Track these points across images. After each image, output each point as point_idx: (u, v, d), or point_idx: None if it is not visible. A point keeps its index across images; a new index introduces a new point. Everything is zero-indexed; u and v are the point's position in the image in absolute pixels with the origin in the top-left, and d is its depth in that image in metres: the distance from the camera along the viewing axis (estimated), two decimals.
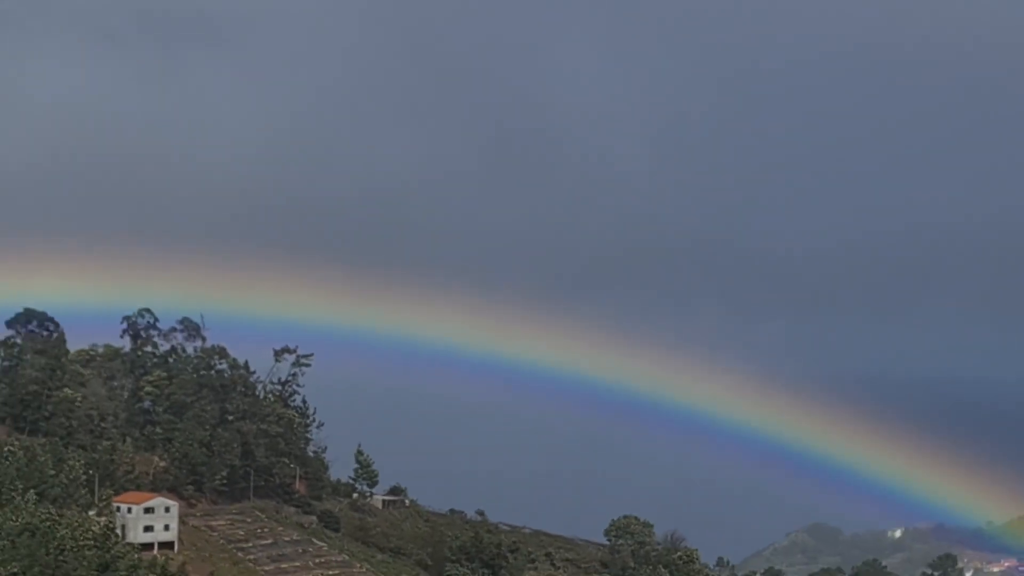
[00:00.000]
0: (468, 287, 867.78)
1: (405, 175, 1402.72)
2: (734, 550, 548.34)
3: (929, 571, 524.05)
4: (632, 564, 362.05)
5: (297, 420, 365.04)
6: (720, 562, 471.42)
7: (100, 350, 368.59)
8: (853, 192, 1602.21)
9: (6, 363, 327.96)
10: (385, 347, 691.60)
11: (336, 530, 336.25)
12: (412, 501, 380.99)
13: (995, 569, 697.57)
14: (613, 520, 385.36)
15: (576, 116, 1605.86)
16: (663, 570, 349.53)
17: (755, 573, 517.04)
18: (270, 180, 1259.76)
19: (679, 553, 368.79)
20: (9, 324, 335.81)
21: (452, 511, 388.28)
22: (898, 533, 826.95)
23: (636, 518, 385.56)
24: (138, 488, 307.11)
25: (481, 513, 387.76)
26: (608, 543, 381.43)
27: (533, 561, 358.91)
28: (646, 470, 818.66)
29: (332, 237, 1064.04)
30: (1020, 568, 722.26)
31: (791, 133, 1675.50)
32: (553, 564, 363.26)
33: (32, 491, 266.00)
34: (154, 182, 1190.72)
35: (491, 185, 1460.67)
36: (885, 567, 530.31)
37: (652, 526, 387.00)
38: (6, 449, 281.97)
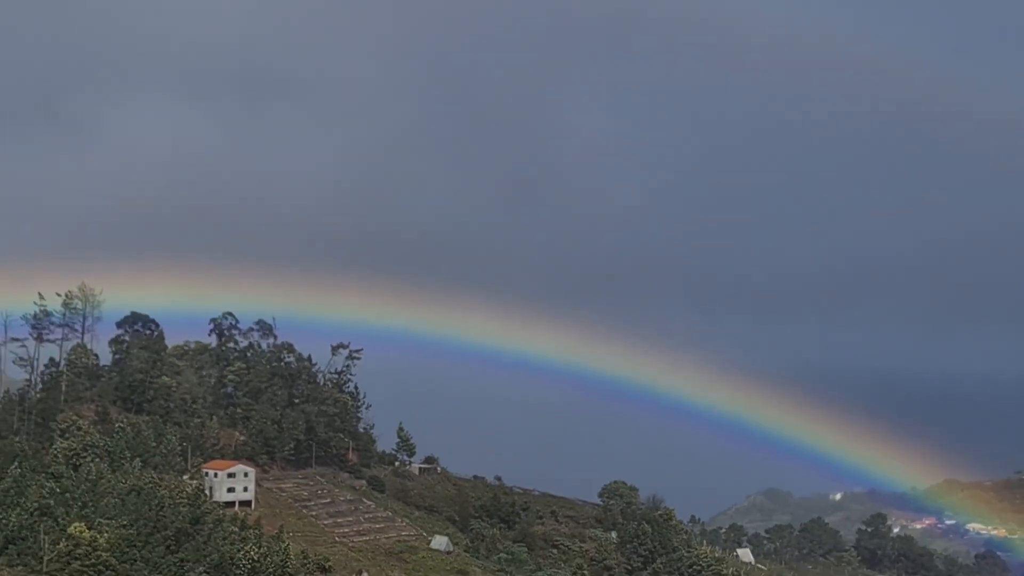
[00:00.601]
0: (489, 296, 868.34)
1: (443, 207, 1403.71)
2: (703, 510, 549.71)
3: (864, 527, 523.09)
4: (621, 520, 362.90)
5: (350, 403, 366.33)
6: (692, 519, 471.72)
7: (192, 346, 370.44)
8: (805, 221, 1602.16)
9: (117, 356, 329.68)
10: (421, 344, 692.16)
11: (382, 492, 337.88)
12: (443, 469, 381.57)
13: (917, 526, 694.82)
14: (605, 484, 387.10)
15: (581, 158, 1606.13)
16: (647, 525, 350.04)
17: (721, 528, 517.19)
18: (334, 212, 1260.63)
19: (659, 512, 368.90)
20: (119, 325, 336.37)
21: (475, 477, 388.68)
22: (838, 496, 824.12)
23: (624, 483, 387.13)
24: (222, 457, 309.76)
25: (499, 478, 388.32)
26: (601, 503, 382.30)
27: (541, 518, 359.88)
28: (631, 443, 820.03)
29: (381, 258, 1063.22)
30: (938, 526, 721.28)
31: (759, 175, 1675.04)
32: (557, 520, 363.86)
33: (138, 459, 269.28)
34: (237, 214, 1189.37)
35: (510, 214, 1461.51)
36: (828, 524, 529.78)
37: (637, 489, 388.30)
38: (117, 426, 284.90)
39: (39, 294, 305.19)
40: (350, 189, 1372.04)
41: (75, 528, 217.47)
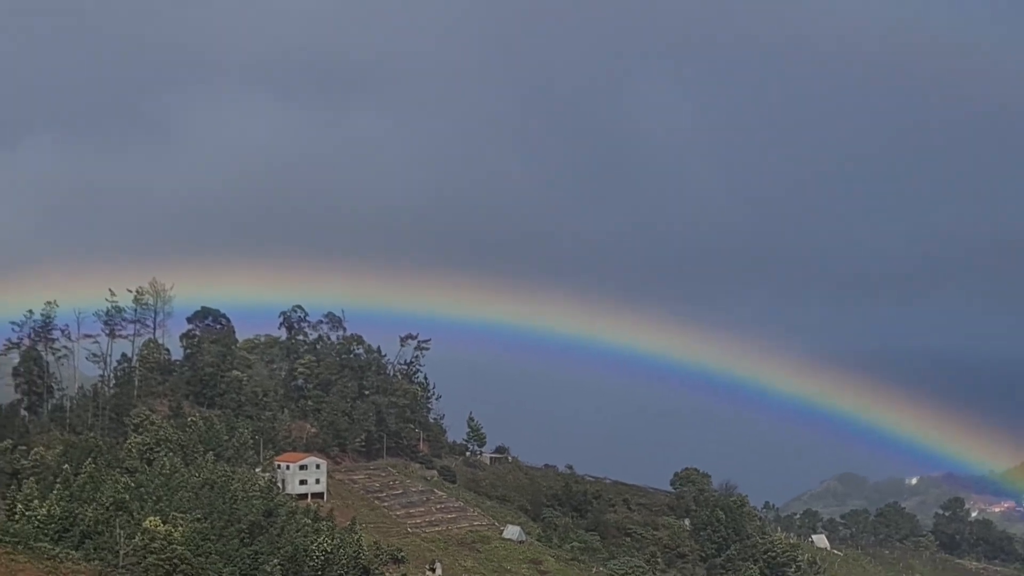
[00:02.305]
0: (562, 285, 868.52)
1: (521, 199, 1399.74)
2: (777, 495, 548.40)
3: (941, 511, 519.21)
4: (694, 507, 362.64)
5: (420, 393, 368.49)
6: (766, 505, 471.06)
7: (262, 339, 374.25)
8: (886, 204, 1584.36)
9: (188, 351, 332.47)
10: (492, 334, 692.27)
11: (453, 482, 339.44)
12: (514, 458, 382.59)
13: (996, 510, 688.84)
14: (677, 472, 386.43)
15: (660, 148, 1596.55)
16: (720, 512, 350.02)
17: (795, 514, 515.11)
18: (408, 205, 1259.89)
19: (733, 498, 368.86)
20: (190, 320, 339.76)
21: (546, 465, 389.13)
22: (915, 480, 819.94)
23: (696, 470, 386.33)
24: (294, 449, 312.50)
25: (570, 467, 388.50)
26: (674, 490, 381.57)
27: (613, 506, 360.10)
28: (704, 430, 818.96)
29: (454, 247, 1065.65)
30: (1017, 509, 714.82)
31: (837, 158, 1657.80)
32: (629, 508, 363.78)
33: (211, 453, 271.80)
34: (309, 207, 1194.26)
35: (587, 205, 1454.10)
36: (904, 509, 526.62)
37: (709, 476, 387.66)
38: (190, 420, 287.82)
39: (110, 290, 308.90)
40: (427, 182, 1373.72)
41: (150, 522, 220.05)
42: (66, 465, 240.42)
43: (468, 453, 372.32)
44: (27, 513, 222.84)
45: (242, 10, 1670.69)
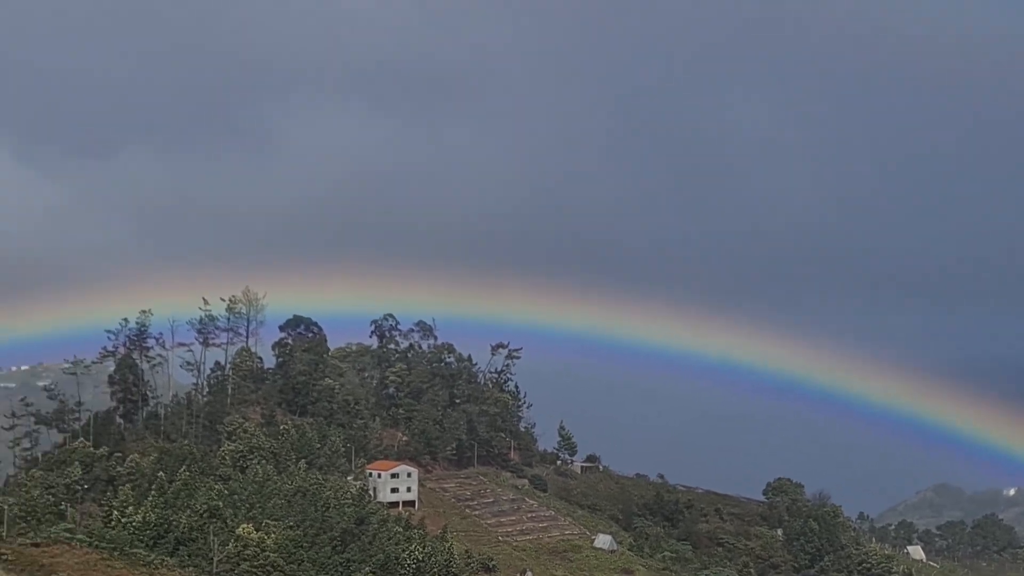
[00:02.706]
0: (653, 293, 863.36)
1: (609, 207, 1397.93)
2: (871, 506, 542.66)
3: None
4: (787, 517, 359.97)
5: (511, 402, 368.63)
6: (860, 516, 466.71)
7: (353, 348, 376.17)
8: (978, 209, 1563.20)
9: (280, 359, 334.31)
10: (583, 342, 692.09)
11: (544, 491, 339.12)
12: (605, 467, 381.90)
13: None
14: (770, 481, 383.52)
15: (747, 155, 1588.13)
16: (813, 523, 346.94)
17: (890, 525, 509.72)
18: (499, 213, 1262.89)
19: (826, 508, 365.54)
20: (282, 328, 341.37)
21: (638, 475, 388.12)
22: (1012, 491, 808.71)
23: (789, 480, 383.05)
24: (385, 457, 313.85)
25: (662, 476, 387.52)
26: (766, 500, 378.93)
27: (705, 515, 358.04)
28: (797, 440, 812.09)
29: (544, 254, 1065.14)
30: None
31: (928, 163, 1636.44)
32: (721, 517, 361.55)
33: (303, 461, 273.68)
34: (400, 215, 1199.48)
35: (675, 213, 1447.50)
36: (1001, 520, 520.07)
37: (803, 486, 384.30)
38: (282, 428, 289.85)
39: (204, 299, 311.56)
40: (516, 189, 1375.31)
41: (243, 529, 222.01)
42: (161, 472, 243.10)
43: (559, 462, 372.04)
44: (123, 519, 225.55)
45: (336, 22, 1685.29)
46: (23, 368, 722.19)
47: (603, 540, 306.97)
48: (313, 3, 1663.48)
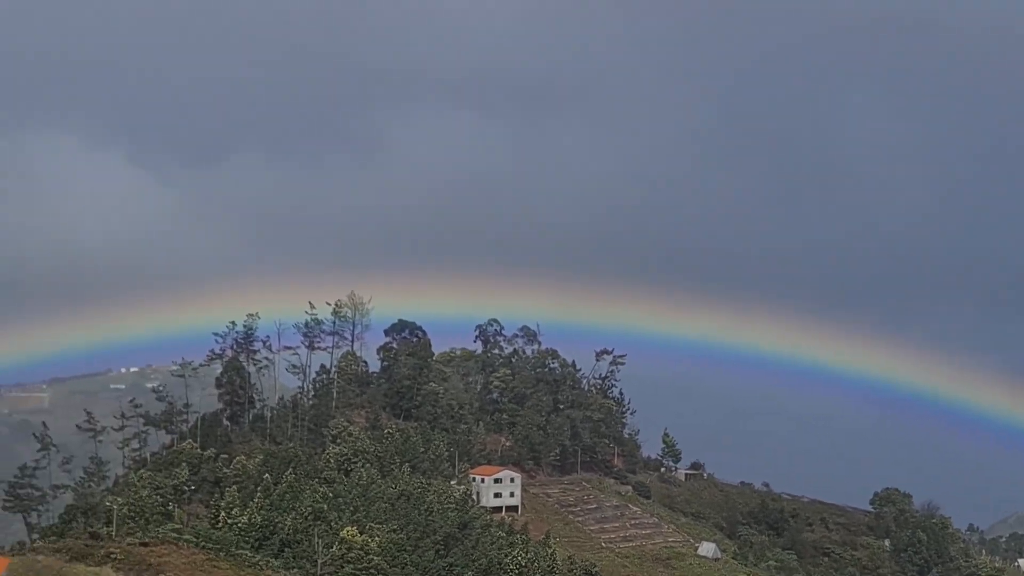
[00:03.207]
0: (762, 301, 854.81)
1: (721, 214, 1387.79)
2: (982, 518, 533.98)
3: None
4: (894, 528, 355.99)
5: (614, 408, 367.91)
6: (970, 528, 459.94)
7: (458, 352, 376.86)
8: None
9: (385, 363, 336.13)
10: (687, 349, 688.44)
11: (648, 498, 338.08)
12: (709, 474, 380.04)
13: None
14: (877, 491, 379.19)
15: (861, 162, 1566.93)
16: (922, 534, 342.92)
17: (1001, 537, 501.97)
18: (605, 215, 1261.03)
19: (935, 520, 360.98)
20: (387, 332, 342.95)
21: (742, 483, 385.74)
22: None
23: (897, 490, 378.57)
24: (489, 462, 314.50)
25: (767, 484, 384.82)
26: (873, 510, 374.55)
27: (810, 524, 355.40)
28: (906, 449, 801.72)
29: (649, 261, 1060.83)
30: None
31: None
32: (827, 527, 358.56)
33: (407, 464, 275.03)
34: (507, 221, 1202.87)
35: (785, 215, 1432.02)
36: None
37: (911, 496, 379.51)
38: (386, 431, 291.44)
39: (310, 303, 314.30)
40: (623, 195, 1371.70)
41: (347, 532, 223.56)
42: (266, 474, 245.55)
43: (663, 469, 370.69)
44: (229, 520, 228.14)
45: (444, 30, 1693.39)
46: (133, 370, 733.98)
47: (707, 548, 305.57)
48: (422, 12, 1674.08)
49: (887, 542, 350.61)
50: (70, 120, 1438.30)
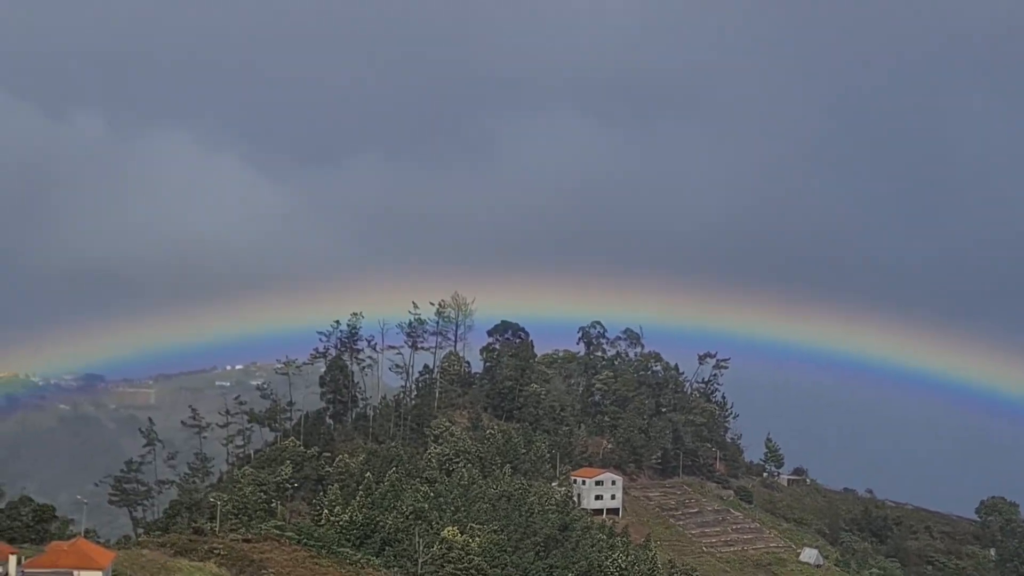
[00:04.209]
0: (869, 308, 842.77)
1: (827, 215, 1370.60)
2: None
3: None
4: (1000, 538, 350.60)
5: (717, 412, 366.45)
6: None
7: (560, 354, 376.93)
8: None
9: (487, 364, 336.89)
10: (792, 353, 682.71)
11: (749, 503, 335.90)
12: (812, 480, 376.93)
13: None
14: (983, 500, 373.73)
15: (978, 170, 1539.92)
16: None
17: None
18: (713, 219, 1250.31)
19: None
20: (490, 333, 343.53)
21: (846, 489, 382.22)
22: None
23: (1004, 499, 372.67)
24: (590, 465, 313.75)
25: (870, 491, 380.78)
26: (979, 519, 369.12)
27: (914, 532, 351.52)
28: (1012, 459, 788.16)
29: (757, 266, 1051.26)
30: None
31: None
32: (931, 535, 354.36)
33: (508, 465, 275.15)
34: (613, 224, 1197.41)
35: (901, 223, 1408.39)
36: None
37: (1018, 506, 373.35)
38: (488, 432, 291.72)
39: (414, 303, 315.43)
40: (732, 199, 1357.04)
41: (448, 532, 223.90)
42: (368, 473, 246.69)
43: (765, 474, 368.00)
44: (331, 518, 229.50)
45: (560, 35, 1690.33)
46: (238, 368, 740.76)
47: (809, 554, 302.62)
48: (538, 17, 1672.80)
49: (993, 552, 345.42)
50: (187, 120, 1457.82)
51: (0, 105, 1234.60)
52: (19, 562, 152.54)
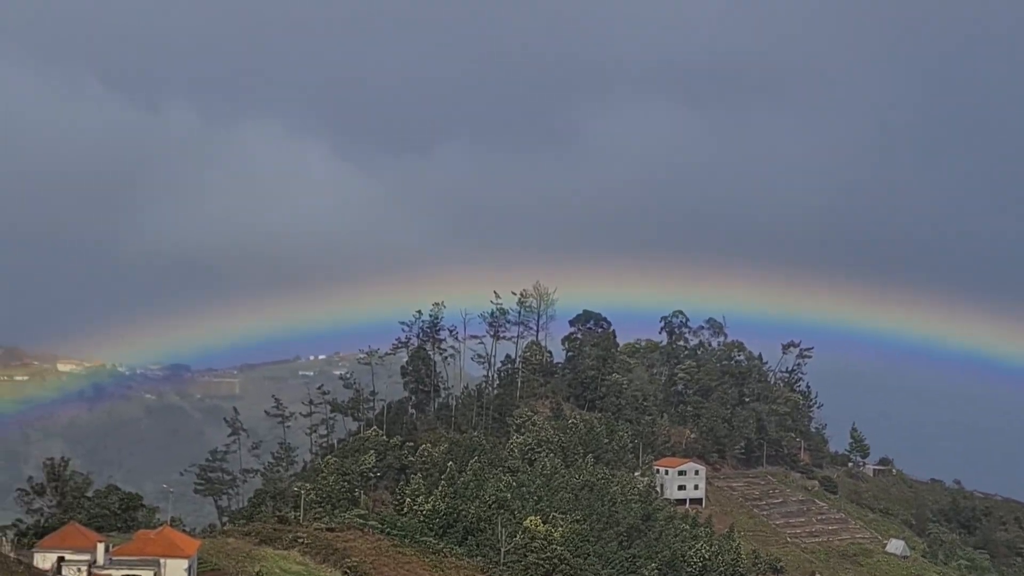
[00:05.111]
0: (961, 298, 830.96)
1: (919, 200, 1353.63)
2: None
3: None
4: None
5: (801, 402, 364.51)
6: None
7: (642, 344, 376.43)
8: None
9: (569, 354, 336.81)
10: (878, 344, 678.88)
11: (834, 493, 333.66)
12: (898, 470, 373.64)
13: None
14: None
15: None
16: None
17: None
18: (803, 207, 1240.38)
19: None
20: (572, 323, 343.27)
21: (933, 479, 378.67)
22: None
23: None
24: (673, 455, 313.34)
25: (958, 482, 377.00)
26: None
27: (1004, 524, 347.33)
28: None
29: (844, 254, 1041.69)
30: None
31: None
32: (1021, 527, 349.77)
33: (590, 455, 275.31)
34: (699, 212, 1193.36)
35: (993, 210, 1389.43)
36: None
37: None
38: (570, 422, 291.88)
39: (495, 292, 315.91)
40: (822, 187, 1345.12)
41: (531, 521, 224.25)
42: (451, 462, 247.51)
43: (850, 464, 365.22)
44: (414, 507, 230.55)
45: (645, 21, 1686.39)
46: (320, 357, 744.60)
47: (895, 545, 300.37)
48: (623, 3, 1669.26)
49: None
50: (277, 111, 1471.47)
51: (94, 97, 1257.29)
52: (107, 550, 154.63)
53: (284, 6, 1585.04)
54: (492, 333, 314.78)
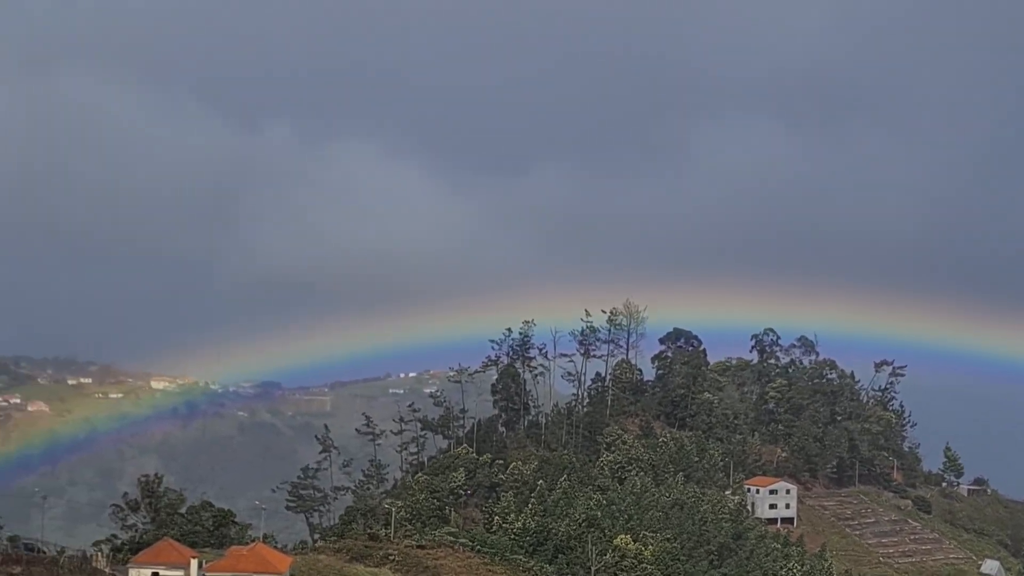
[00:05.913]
0: None
1: (1017, 219, 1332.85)
2: None
3: None
4: None
5: (894, 420, 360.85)
6: None
7: (733, 362, 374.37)
8: None
9: (659, 372, 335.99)
10: (973, 362, 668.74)
11: (928, 512, 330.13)
12: (993, 490, 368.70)
13: None
14: None
15: None
16: None
17: None
18: (898, 226, 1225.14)
19: None
20: (662, 341, 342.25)
21: None
22: None
23: None
24: (764, 474, 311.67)
25: None
26: None
27: None
28: None
29: (938, 273, 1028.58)
30: None
31: None
32: None
33: (680, 473, 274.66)
34: (795, 229, 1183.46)
35: None
36: None
37: None
38: (660, 440, 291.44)
39: (585, 311, 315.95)
40: (919, 207, 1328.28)
41: (621, 540, 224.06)
42: (541, 480, 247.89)
43: (944, 484, 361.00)
44: (504, 525, 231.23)
45: (749, 38, 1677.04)
46: (411, 375, 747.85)
47: (990, 566, 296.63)
48: (724, 17, 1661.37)
49: None
50: (372, 131, 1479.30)
51: (195, 117, 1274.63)
52: (200, 566, 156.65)
53: (382, 31, 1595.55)
54: (582, 351, 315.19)
